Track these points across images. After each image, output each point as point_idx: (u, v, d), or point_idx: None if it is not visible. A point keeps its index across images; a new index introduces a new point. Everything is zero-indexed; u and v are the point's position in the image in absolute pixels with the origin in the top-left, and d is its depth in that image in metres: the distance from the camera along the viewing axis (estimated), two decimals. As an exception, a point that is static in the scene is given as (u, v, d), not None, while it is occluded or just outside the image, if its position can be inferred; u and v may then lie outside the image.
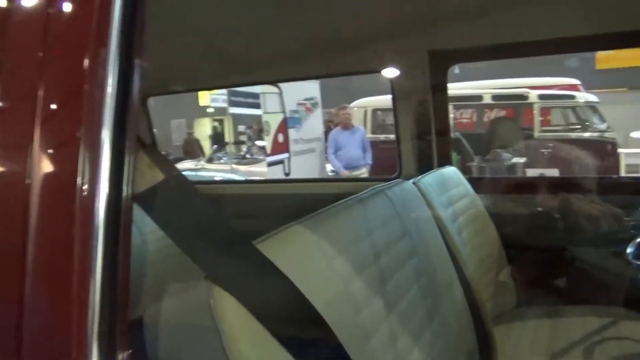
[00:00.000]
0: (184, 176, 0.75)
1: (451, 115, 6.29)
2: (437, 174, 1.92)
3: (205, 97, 15.06)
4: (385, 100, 7.74)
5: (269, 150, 6.54)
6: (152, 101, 2.81)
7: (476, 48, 2.09)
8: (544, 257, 2.12)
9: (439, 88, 2.18)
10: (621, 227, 1.97)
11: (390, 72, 2.22)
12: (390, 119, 8.49)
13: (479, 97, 7.90)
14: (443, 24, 1.96)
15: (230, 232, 0.75)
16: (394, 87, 2.23)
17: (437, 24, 1.96)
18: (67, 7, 0.63)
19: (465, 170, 5.47)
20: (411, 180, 1.64)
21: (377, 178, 2.52)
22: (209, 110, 16.29)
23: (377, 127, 8.12)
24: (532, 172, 5.70)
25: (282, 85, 6.30)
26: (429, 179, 1.74)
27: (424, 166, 2.24)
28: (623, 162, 7.04)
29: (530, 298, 2.04)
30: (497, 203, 2.23)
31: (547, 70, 8.00)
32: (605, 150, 7.20)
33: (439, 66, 2.13)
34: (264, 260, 0.74)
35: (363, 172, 6.17)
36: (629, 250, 1.59)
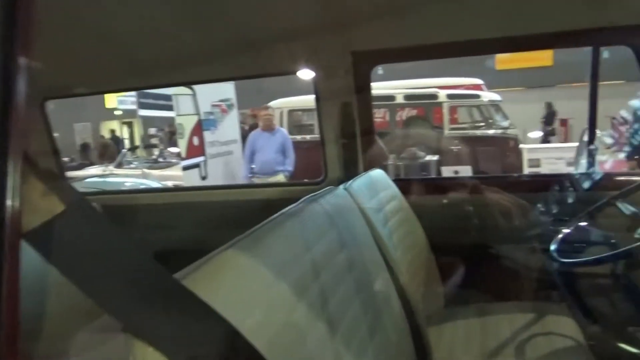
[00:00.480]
0: (88, 204, 0.60)
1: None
2: (366, 177, 1.88)
3: (112, 100, 14.24)
4: (302, 101, 7.72)
5: (183, 154, 6.27)
6: (51, 105, 2.53)
7: (400, 49, 2.07)
8: (469, 255, 2.15)
9: (363, 89, 2.14)
10: (542, 223, 2.04)
11: (313, 73, 2.15)
12: (307, 120, 8.50)
13: (392, 97, 8.09)
14: (366, 25, 1.93)
15: (151, 266, 0.62)
16: (317, 88, 2.16)
17: (360, 24, 1.93)
18: None
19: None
20: (342, 186, 1.58)
21: (302, 183, 2.45)
22: (117, 112, 15.43)
23: (294, 128, 8.06)
24: (446, 170, 5.89)
25: (196, 86, 6.05)
26: (359, 184, 1.69)
27: (350, 169, 2.19)
28: (525, 157, 7.55)
29: (458, 297, 2.06)
30: (422, 204, 2.23)
31: (452, 70, 8.37)
32: (508, 145, 7.70)
33: (363, 67, 2.09)
34: (195, 306, 0.62)
35: (279, 179, 5.68)
36: (552, 247, 1.64)
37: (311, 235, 1.02)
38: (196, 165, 6.36)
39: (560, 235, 1.69)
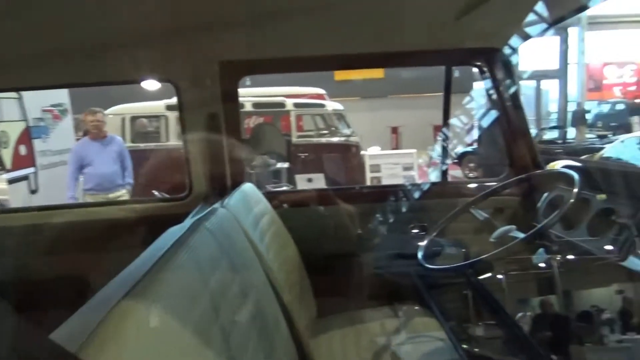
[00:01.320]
0: None
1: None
2: (240, 192, 1.81)
3: None
4: (147, 107, 7.29)
5: (8, 165, 5.47)
6: None
7: (269, 60, 2.05)
8: (337, 265, 2.20)
9: (231, 100, 2.07)
10: (405, 231, 2.18)
11: (176, 83, 2.03)
12: (151, 127, 8.01)
13: (241, 105, 8.02)
14: (234, 36, 1.87)
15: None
16: (181, 99, 2.04)
17: (228, 35, 1.86)
18: None
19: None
20: (219, 205, 1.49)
21: (166, 199, 2.27)
22: None
23: (137, 136, 7.54)
24: (300, 178, 6.01)
25: (23, 89, 5.33)
26: (235, 200, 1.62)
27: (217, 183, 2.11)
28: (367, 163, 8.07)
29: (330, 307, 2.09)
30: (290, 216, 2.23)
31: (292, 80, 8.58)
32: (351, 152, 8.14)
33: (231, 77, 2.03)
34: None
35: (122, 195, 4.86)
36: (419, 254, 1.75)
37: (206, 266, 0.94)
38: (24, 178, 5.61)
39: (423, 243, 1.81)
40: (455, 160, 8.79)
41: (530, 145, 2.21)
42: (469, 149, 10.27)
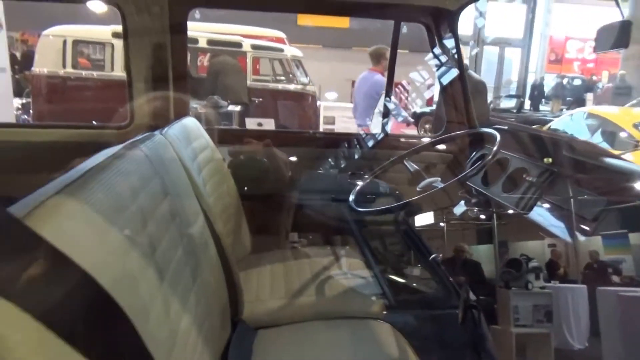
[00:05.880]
0: None
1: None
2: (181, 125, 1.82)
3: None
4: (92, 31, 6.87)
5: None
6: None
7: None
8: (274, 206, 2.29)
9: (179, 31, 2.04)
10: (342, 177, 2.27)
11: (120, 8, 1.97)
12: (94, 54, 7.61)
13: (195, 41, 7.73)
14: None
15: None
16: (126, 25, 1.99)
17: None
18: None
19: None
20: (158, 132, 1.51)
21: (105, 126, 2.24)
22: None
23: (79, 63, 7.16)
24: (250, 122, 5.96)
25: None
26: (174, 131, 1.63)
27: (160, 116, 2.10)
28: (322, 114, 8.06)
29: (263, 244, 2.18)
30: (231, 154, 2.28)
31: (254, 19, 8.30)
32: (307, 102, 8.06)
33: (180, 8, 1.99)
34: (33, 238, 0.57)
35: None
36: (351, 198, 1.85)
37: (136, 182, 0.98)
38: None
39: (356, 188, 1.91)
40: (412, 120, 8.91)
41: (467, 106, 2.32)
42: (426, 109, 10.43)
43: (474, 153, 2.13)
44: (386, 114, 2.56)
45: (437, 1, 2.08)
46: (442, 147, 2.35)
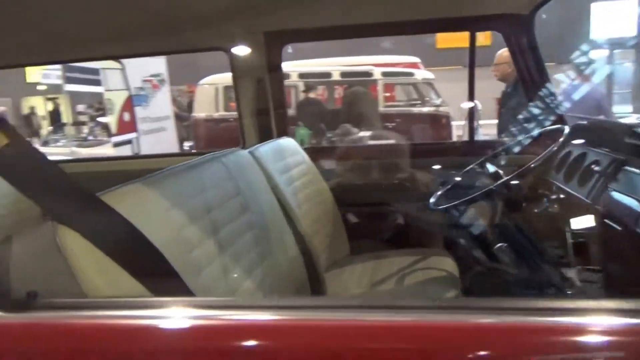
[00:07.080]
0: (23, 138, 0.86)
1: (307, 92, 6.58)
2: (274, 144, 2.13)
3: (34, 73, 13.49)
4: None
5: (114, 130, 6.27)
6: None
7: (307, 29, 2.32)
8: (371, 213, 2.48)
9: (275, 66, 2.39)
10: (431, 185, 2.39)
11: (233, 51, 2.37)
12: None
13: (328, 75, 8.26)
14: (276, 7, 2.15)
15: (71, 181, 0.88)
16: (233, 66, 2.38)
17: (271, 6, 2.15)
18: None
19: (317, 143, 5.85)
20: (247, 150, 1.82)
21: (220, 152, 2.66)
22: (40, 87, 14.68)
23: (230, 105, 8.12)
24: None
25: (125, 60, 6.04)
26: (264, 148, 1.94)
27: (265, 138, 2.44)
28: (455, 133, 8.01)
29: (361, 247, 2.37)
30: (332, 169, 2.55)
31: (394, 49, 8.63)
32: (440, 123, 8.07)
33: (274, 46, 2.33)
34: (106, 208, 0.88)
35: None
36: (431, 200, 1.98)
37: (207, 182, 1.28)
38: (128, 142, 6.39)
39: (438, 192, 2.02)
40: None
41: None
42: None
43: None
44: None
45: (509, 7, 2.12)
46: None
